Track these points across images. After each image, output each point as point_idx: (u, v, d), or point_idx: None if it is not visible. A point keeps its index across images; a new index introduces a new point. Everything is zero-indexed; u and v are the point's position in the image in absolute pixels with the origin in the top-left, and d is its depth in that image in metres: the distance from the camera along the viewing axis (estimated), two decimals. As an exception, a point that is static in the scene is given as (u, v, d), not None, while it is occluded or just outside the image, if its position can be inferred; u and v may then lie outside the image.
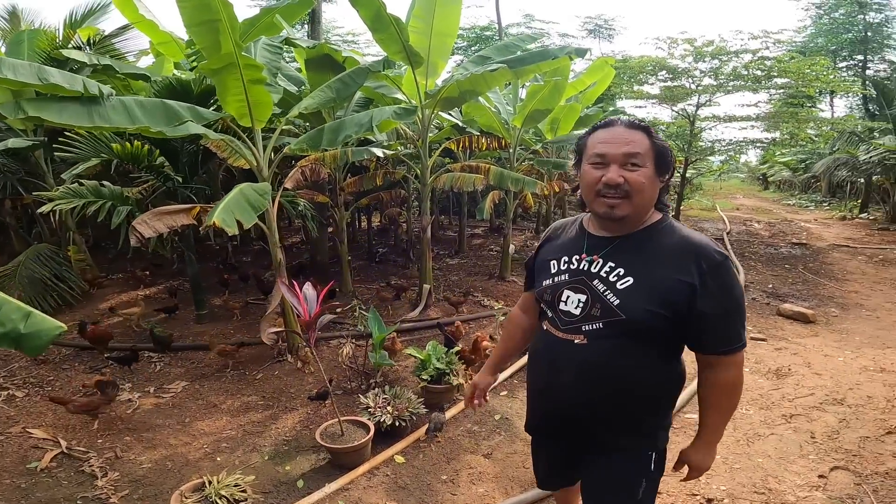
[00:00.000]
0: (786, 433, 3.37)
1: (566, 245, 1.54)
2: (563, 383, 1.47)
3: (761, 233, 11.69)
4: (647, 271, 1.36)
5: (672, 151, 1.43)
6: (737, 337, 1.37)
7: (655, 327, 1.34)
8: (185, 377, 4.40)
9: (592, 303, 1.39)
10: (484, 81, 4.60)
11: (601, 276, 1.40)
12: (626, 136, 1.37)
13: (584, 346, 1.41)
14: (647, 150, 1.37)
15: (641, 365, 1.39)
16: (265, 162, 4.33)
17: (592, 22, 20.16)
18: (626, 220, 1.41)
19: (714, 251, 1.34)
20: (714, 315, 1.32)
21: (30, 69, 2.76)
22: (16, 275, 6.02)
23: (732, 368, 1.40)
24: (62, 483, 2.91)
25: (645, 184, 1.36)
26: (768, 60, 10.08)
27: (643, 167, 1.36)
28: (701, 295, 1.30)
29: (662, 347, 1.40)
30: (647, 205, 1.41)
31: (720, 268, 1.32)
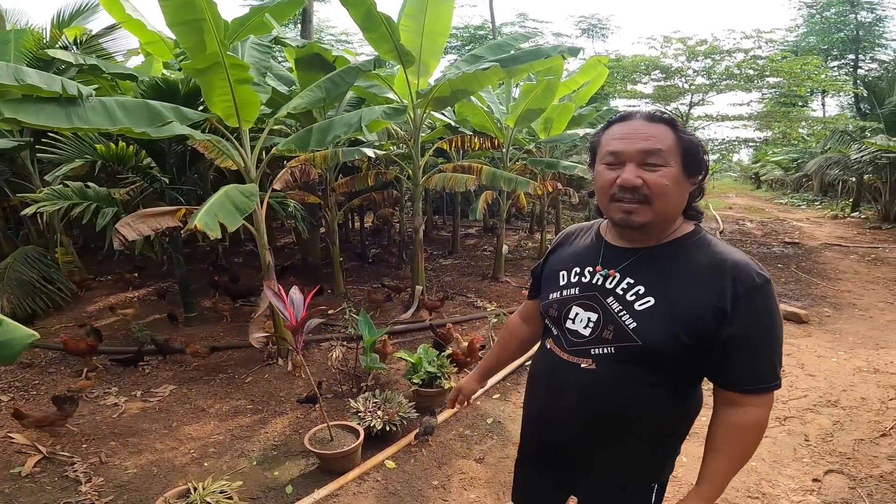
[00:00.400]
0: (779, 436, 3.34)
1: (579, 254, 1.36)
2: (563, 410, 1.30)
3: (754, 232, 11.71)
4: (671, 291, 1.17)
5: (704, 147, 1.20)
6: (770, 374, 1.15)
7: (675, 356, 1.16)
8: (172, 381, 4.33)
9: (605, 323, 1.22)
10: (476, 80, 4.55)
11: (617, 294, 1.22)
12: (644, 130, 1.17)
13: (591, 371, 1.23)
14: (671, 145, 1.16)
15: (654, 396, 1.21)
16: (253, 163, 4.27)
17: (586, 21, 20.14)
18: (648, 230, 1.21)
19: (754, 272, 1.13)
20: (743, 346, 1.13)
21: (6, 70, 2.69)
22: (3, 277, 5.92)
23: (758, 410, 1.18)
24: (46, 488, 2.84)
25: (668, 186, 1.15)
26: (761, 60, 10.13)
27: (665, 166, 1.15)
28: (730, 320, 1.11)
29: (680, 378, 1.22)
30: (672, 212, 1.21)
31: (758, 292, 1.12)
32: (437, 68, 5.48)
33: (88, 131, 3.87)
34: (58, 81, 2.92)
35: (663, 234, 1.24)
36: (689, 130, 1.20)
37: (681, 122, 1.22)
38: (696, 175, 1.21)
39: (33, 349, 5.00)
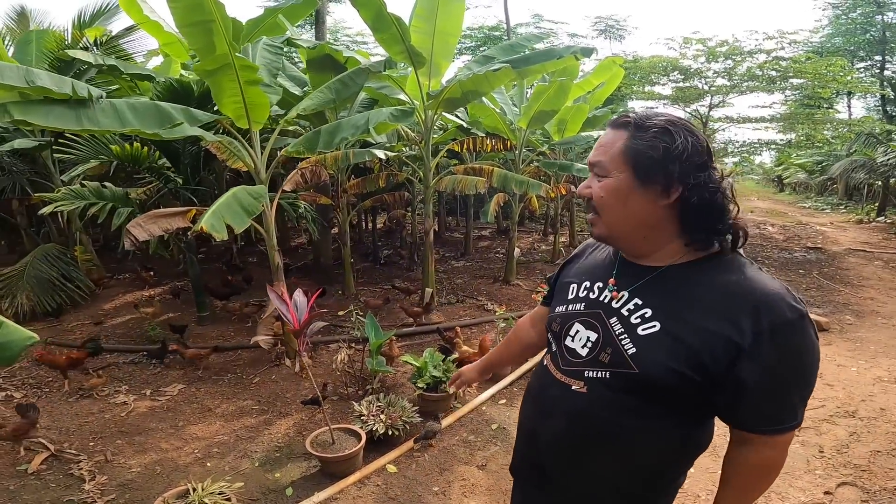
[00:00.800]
0: (793, 447, 3.21)
1: (592, 268, 1.27)
2: (549, 433, 1.22)
3: (775, 236, 11.45)
4: (680, 318, 1.04)
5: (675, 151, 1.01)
6: (789, 414, 1.03)
7: (676, 390, 1.04)
8: (181, 380, 4.36)
9: (603, 345, 1.12)
10: (486, 82, 4.51)
11: (622, 315, 1.12)
12: (604, 138, 1.11)
13: (582, 394, 1.14)
14: (615, 154, 1.06)
15: (650, 429, 1.10)
16: (263, 164, 4.29)
17: (603, 22, 19.90)
18: (619, 245, 1.16)
19: (786, 304, 0.98)
20: (760, 389, 0.99)
21: (16, 72, 2.73)
22: (23, 275, 6.04)
23: (773, 450, 1.07)
24: (50, 486, 2.87)
25: (604, 198, 1.08)
26: (784, 61, 9.89)
27: (607, 177, 1.08)
28: (748, 358, 0.97)
29: (683, 414, 1.10)
30: (625, 226, 1.10)
31: (789, 329, 0.97)
32: (450, 69, 5.48)
33: (98, 132, 3.91)
34: (68, 83, 2.96)
35: (653, 252, 1.12)
36: (650, 132, 1.03)
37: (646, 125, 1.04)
38: (665, 186, 1.03)
39: (48, 346, 5.09)
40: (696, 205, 1.03)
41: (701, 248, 1.08)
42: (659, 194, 1.04)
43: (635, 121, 1.06)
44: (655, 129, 1.03)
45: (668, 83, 10.81)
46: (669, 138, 1.02)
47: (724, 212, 1.05)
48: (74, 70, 5.82)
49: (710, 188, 1.03)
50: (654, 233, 1.09)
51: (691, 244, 1.08)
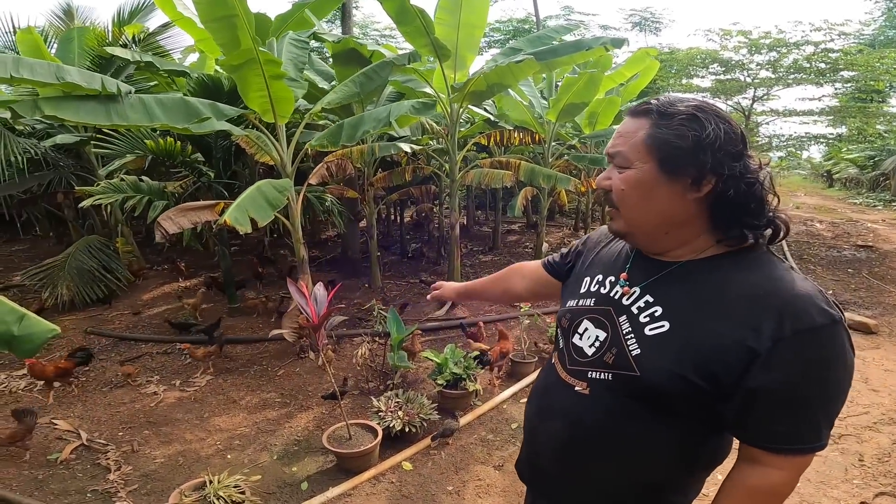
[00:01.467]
0: (831, 455, 3.10)
1: (607, 260, 1.18)
2: (547, 434, 1.15)
3: (823, 233, 10.91)
4: (691, 319, 0.95)
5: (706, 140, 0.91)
6: (812, 434, 0.90)
7: (682, 397, 0.94)
8: (211, 370, 4.45)
9: (610, 345, 1.04)
10: (511, 74, 4.42)
11: (631, 313, 1.03)
12: (623, 127, 1.02)
13: (584, 396, 1.07)
14: (636, 144, 0.97)
15: (651, 439, 1.01)
16: (289, 158, 4.32)
17: (637, 15, 19.25)
18: (639, 242, 1.07)
19: (816, 308, 0.87)
20: (777, 401, 0.88)
21: (47, 68, 2.81)
22: (65, 265, 6.28)
23: (782, 474, 0.94)
24: (77, 475, 2.97)
25: (625, 191, 0.99)
26: (833, 53, 9.37)
27: (629, 168, 0.98)
28: (762, 366, 0.87)
29: (689, 424, 0.99)
30: (647, 221, 1.01)
31: (817, 335, 0.86)
32: (478, 62, 5.40)
33: (128, 127, 4.01)
34: (97, 79, 3.03)
35: (669, 247, 1.03)
36: (677, 119, 0.93)
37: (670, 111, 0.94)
38: (695, 177, 0.93)
39: (87, 336, 5.29)
40: (731, 197, 0.93)
41: (734, 244, 0.98)
42: (688, 187, 0.94)
43: (658, 107, 0.97)
44: (682, 116, 0.94)
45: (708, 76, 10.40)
46: (699, 125, 0.92)
47: (763, 204, 0.96)
48: (115, 67, 6.00)
49: (747, 179, 0.93)
50: (680, 228, 1.00)
51: (725, 240, 0.98)
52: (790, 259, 8.14)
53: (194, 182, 5.89)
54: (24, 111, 2.75)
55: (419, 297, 6.39)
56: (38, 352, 2.02)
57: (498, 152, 7.61)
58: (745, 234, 0.96)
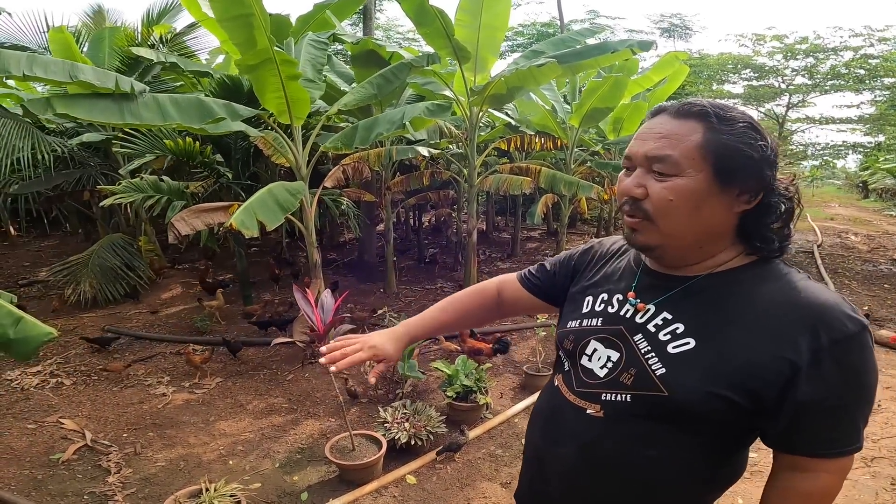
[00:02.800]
0: (862, 478, 2.93)
1: (612, 277, 1.11)
2: (558, 462, 1.07)
3: (858, 246, 10.47)
4: (720, 334, 0.90)
5: (764, 151, 0.88)
6: (851, 437, 0.90)
7: (713, 417, 0.90)
8: (220, 373, 4.42)
9: (626, 365, 0.97)
10: (532, 77, 4.30)
11: (648, 331, 0.97)
12: (662, 128, 0.92)
13: (597, 420, 1.00)
14: (690, 149, 0.88)
15: (674, 463, 0.95)
16: (304, 160, 4.27)
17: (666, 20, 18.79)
18: (666, 255, 0.97)
19: (846, 316, 0.85)
20: (822, 411, 0.87)
21: (62, 67, 2.81)
22: (88, 263, 6.37)
23: (831, 477, 0.93)
24: (77, 477, 2.94)
25: (673, 202, 0.89)
26: (873, 59, 9.00)
27: (677, 176, 0.89)
28: (808, 379, 0.84)
29: (718, 442, 0.95)
30: (688, 235, 0.93)
31: (852, 343, 0.85)
32: (500, 65, 5.30)
33: (140, 126, 3.99)
34: (112, 78, 3.02)
35: (694, 260, 0.97)
36: (738, 126, 0.88)
37: (727, 116, 0.89)
38: (746, 189, 0.89)
39: (105, 335, 5.33)
40: (774, 211, 0.91)
41: (760, 255, 0.95)
42: (736, 199, 0.90)
43: (714, 111, 0.89)
44: (743, 124, 0.88)
45: (740, 81, 10.10)
46: (761, 136, 0.89)
47: (792, 217, 0.95)
48: (142, 67, 6.07)
49: (785, 193, 0.92)
50: (715, 241, 0.94)
51: (752, 252, 0.95)
52: (824, 273, 7.81)
53: (214, 183, 5.91)
54: (37, 109, 2.75)
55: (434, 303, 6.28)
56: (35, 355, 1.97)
57: (518, 157, 7.48)
58: (775, 247, 0.94)
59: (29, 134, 5.80)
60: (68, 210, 9.48)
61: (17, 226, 10.22)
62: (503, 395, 4.01)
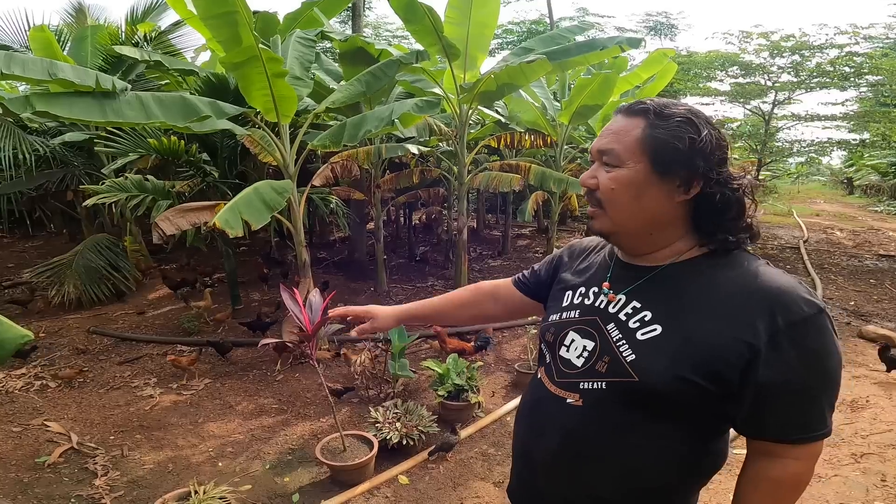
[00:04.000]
0: (852, 475, 2.95)
1: (588, 272, 1.17)
2: (542, 452, 1.10)
3: (844, 242, 10.60)
4: (684, 320, 0.95)
5: (699, 143, 0.94)
6: (819, 422, 0.93)
7: (683, 400, 0.93)
8: (209, 374, 4.37)
9: (601, 353, 1.02)
10: (522, 74, 4.28)
11: (619, 320, 1.02)
12: (614, 125, 1.01)
13: (577, 408, 1.03)
14: (631, 142, 0.96)
15: (653, 447, 0.98)
16: (291, 158, 4.22)
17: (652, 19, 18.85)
18: (622, 242, 1.05)
19: (802, 299, 0.90)
20: (784, 393, 0.90)
21: (40, 65, 2.75)
22: (72, 264, 6.26)
23: (800, 463, 0.96)
24: (63, 479, 2.89)
25: (615, 190, 0.97)
26: (858, 56, 9.09)
27: (620, 167, 0.97)
28: (766, 361, 0.88)
29: (693, 427, 0.98)
30: (633, 222, 1.00)
31: (808, 325, 0.89)
32: (489, 63, 5.28)
33: (123, 125, 3.91)
34: (92, 75, 2.96)
35: (655, 249, 1.03)
36: (674, 121, 0.94)
37: (666, 113, 0.95)
38: (684, 179, 0.95)
39: (89, 335, 5.25)
40: (717, 202, 0.96)
41: (714, 247, 1.00)
42: (676, 189, 0.96)
43: (654, 108, 0.97)
44: (679, 119, 0.95)
45: (727, 79, 10.16)
46: (694, 129, 0.94)
47: (744, 210, 0.99)
48: (126, 65, 5.97)
49: (731, 185, 0.97)
50: (663, 230, 1.01)
51: (706, 244, 1.00)
52: (810, 268, 7.89)
53: (200, 182, 5.83)
54: (16, 107, 2.68)
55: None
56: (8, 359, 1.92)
57: (508, 155, 7.47)
58: (727, 239, 0.98)
59: (10, 133, 5.69)
60: (52, 210, 9.31)
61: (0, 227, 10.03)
62: (495, 393, 4.00)
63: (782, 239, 10.80)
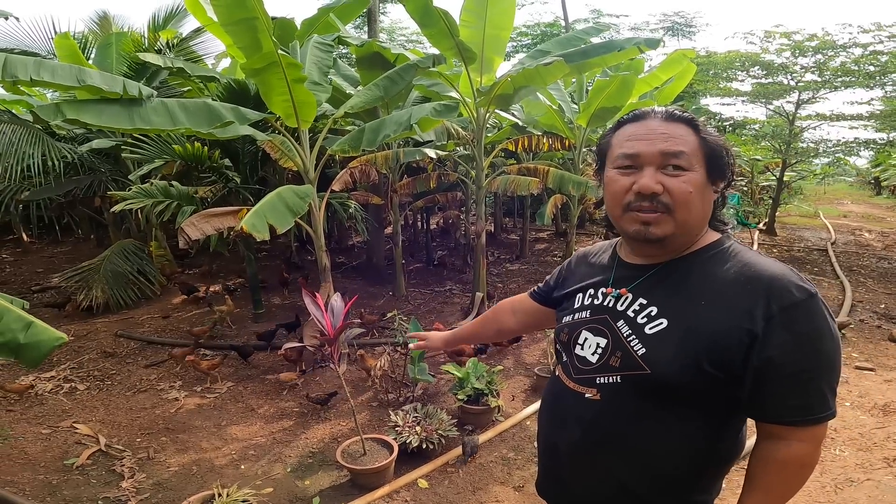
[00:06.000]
0: (885, 479, 2.89)
1: (594, 274, 1.24)
2: (565, 445, 1.16)
3: (873, 244, 10.34)
4: (687, 312, 1.01)
5: (730, 150, 1.07)
6: (820, 404, 0.96)
7: (694, 388, 0.99)
8: (232, 377, 4.42)
9: (613, 349, 1.08)
10: (539, 76, 4.27)
11: (628, 317, 1.08)
12: (664, 129, 1.03)
13: (595, 402, 1.09)
14: (694, 147, 1.03)
15: (670, 436, 1.03)
16: (311, 163, 4.27)
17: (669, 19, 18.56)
18: (667, 243, 1.07)
19: (793, 285, 0.95)
20: (783, 374, 0.94)
21: (69, 71, 2.82)
22: (100, 269, 6.40)
23: (804, 445, 0.99)
24: (91, 482, 2.95)
25: (692, 193, 1.01)
26: (883, 56, 8.87)
27: (690, 171, 1.01)
28: (763, 345, 0.93)
29: (707, 414, 1.03)
30: (695, 222, 1.05)
31: (799, 310, 0.94)
32: (505, 66, 5.27)
33: (150, 132, 4.00)
34: (119, 82, 3.03)
35: (682, 247, 1.09)
36: (714, 132, 1.07)
37: (703, 122, 1.07)
38: (720, 180, 1.08)
39: (117, 339, 5.36)
40: (724, 196, 1.11)
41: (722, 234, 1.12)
42: (715, 188, 1.08)
43: (695, 119, 1.07)
44: (714, 130, 1.08)
45: (748, 79, 9.99)
46: (724, 140, 1.07)
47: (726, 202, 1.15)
48: (149, 72, 6.09)
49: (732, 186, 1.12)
50: (702, 227, 1.09)
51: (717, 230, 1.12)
52: (839, 271, 7.70)
53: (223, 187, 5.92)
54: (47, 115, 2.76)
55: (443, 305, 6.27)
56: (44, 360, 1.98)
57: (526, 158, 7.45)
58: (724, 226, 1.13)
59: (39, 140, 5.84)
60: (80, 216, 9.54)
61: (30, 232, 10.32)
62: (514, 397, 3.98)
63: (809, 241, 10.56)
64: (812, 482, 2.84)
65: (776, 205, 11.13)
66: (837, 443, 3.27)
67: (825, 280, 7.37)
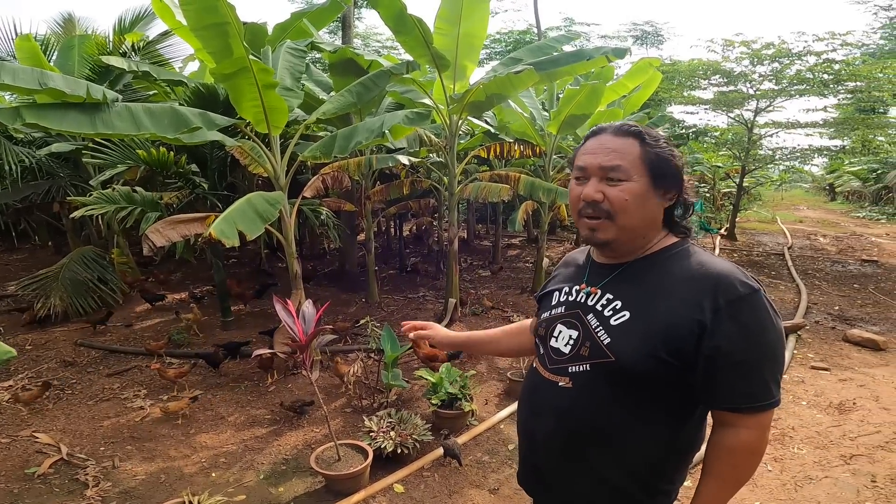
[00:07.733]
0: (842, 476, 2.99)
1: (571, 274, 1.36)
2: (541, 432, 1.25)
3: (827, 248, 10.79)
4: (646, 305, 1.13)
5: (680, 161, 1.18)
6: (763, 392, 1.06)
7: (654, 375, 1.09)
8: (200, 385, 4.33)
9: (583, 340, 1.19)
10: (510, 84, 4.33)
11: (596, 310, 1.20)
12: (610, 144, 1.17)
13: (567, 390, 1.19)
14: (634, 160, 1.14)
15: (637, 422, 1.13)
16: (282, 170, 4.23)
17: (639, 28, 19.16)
18: (615, 246, 1.20)
19: (738, 281, 1.07)
20: (729, 362, 1.04)
21: (31, 74, 2.74)
22: (58, 276, 6.18)
23: (750, 432, 1.09)
24: (54, 490, 2.86)
25: (629, 201, 1.14)
26: (836, 63, 9.30)
27: (627, 181, 1.14)
28: (711, 334, 1.04)
29: (670, 402, 1.13)
30: (638, 227, 1.17)
31: (744, 303, 1.05)
32: (478, 73, 5.33)
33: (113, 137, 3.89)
34: (83, 86, 2.95)
35: (637, 249, 1.21)
36: (661, 142, 1.16)
37: (652, 134, 1.17)
38: (668, 189, 1.17)
39: (77, 348, 5.18)
40: (683, 204, 1.20)
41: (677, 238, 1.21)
42: (662, 196, 1.17)
43: (643, 131, 1.17)
44: (664, 140, 1.17)
45: (710, 87, 10.35)
46: (676, 150, 1.18)
47: (690, 208, 1.23)
48: (113, 75, 5.93)
49: (688, 191, 1.20)
50: (652, 231, 1.20)
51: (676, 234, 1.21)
52: (795, 274, 8.02)
53: (189, 193, 5.80)
54: (5, 118, 2.67)
55: (417, 311, 6.27)
56: None
57: (498, 165, 7.53)
58: (686, 231, 1.22)
59: (-4, 143, 5.63)
60: (37, 222, 9.20)
61: (-16, 239, 9.89)
62: (488, 401, 4.01)
63: (767, 246, 10.96)
64: (772, 480, 2.94)
65: (736, 210, 11.50)
66: (795, 441, 3.39)
67: (782, 283, 7.66)
